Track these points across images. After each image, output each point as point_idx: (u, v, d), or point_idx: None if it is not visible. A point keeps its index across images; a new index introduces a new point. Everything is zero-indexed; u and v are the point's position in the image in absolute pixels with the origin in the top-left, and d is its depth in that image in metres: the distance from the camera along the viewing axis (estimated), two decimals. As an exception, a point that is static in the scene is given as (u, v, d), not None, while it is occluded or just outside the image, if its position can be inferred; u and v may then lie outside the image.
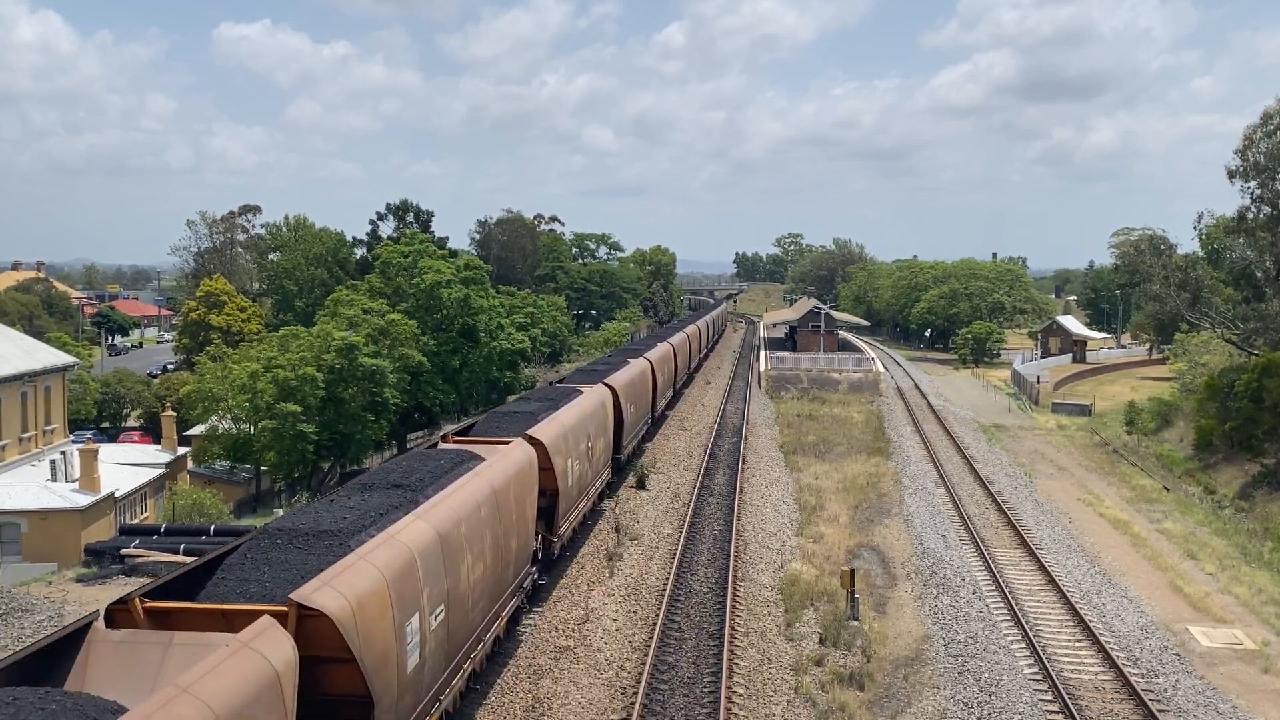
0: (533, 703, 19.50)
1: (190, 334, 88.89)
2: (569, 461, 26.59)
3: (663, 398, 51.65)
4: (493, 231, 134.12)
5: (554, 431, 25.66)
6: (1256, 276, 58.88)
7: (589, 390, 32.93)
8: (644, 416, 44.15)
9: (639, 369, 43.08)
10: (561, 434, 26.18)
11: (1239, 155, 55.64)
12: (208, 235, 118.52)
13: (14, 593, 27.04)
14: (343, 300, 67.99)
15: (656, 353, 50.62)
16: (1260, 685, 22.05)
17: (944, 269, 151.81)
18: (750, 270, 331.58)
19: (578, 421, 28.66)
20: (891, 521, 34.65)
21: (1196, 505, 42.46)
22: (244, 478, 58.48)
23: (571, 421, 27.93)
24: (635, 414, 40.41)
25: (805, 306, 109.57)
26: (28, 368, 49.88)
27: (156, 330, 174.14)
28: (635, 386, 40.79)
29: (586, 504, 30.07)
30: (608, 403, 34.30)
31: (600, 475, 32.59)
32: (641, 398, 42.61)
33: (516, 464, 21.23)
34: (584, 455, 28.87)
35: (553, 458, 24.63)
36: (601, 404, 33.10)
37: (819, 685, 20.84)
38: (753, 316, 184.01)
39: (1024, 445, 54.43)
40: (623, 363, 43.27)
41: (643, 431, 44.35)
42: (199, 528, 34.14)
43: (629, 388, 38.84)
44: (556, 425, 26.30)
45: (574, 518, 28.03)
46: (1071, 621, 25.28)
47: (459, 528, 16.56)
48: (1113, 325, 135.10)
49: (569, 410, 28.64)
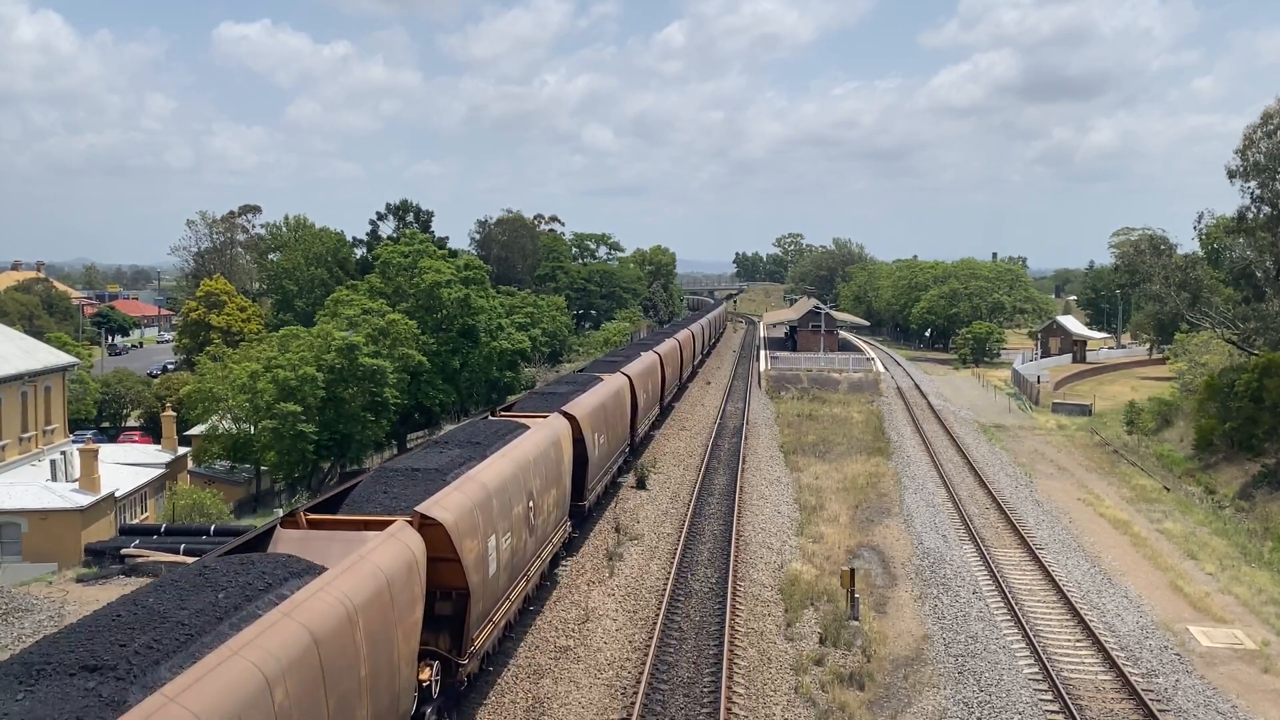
0: (533, 703, 19.50)
1: (190, 334, 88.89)
2: (596, 435, 30.68)
3: (670, 389, 56.16)
4: (493, 231, 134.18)
5: (585, 408, 30.11)
6: (1256, 276, 58.85)
7: (609, 378, 37.19)
8: (654, 405, 48.02)
9: (650, 361, 47.75)
10: (590, 410, 30.58)
11: (1239, 155, 55.62)
12: (208, 235, 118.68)
13: (14, 593, 27.05)
14: (343, 300, 67.98)
15: (664, 347, 55.30)
16: (1260, 685, 22.05)
17: (944, 269, 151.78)
18: (750, 270, 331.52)
19: (602, 402, 32.91)
20: (891, 521, 34.65)
21: (1196, 505, 42.45)
22: (244, 478, 58.46)
23: (597, 402, 32.27)
24: (647, 401, 44.37)
25: (805, 306, 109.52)
26: (28, 368, 49.87)
27: (156, 330, 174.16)
28: (647, 376, 45.02)
29: (608, 477, 34.21)
30: (625, 389, 38.32)
31: (620, 450, 36.94)
32: (652, 387, 46.52)
33: (556, 432, 25.52)
34: (608, 431, 33.23)
35: (583, 430, 28.87)
36: (620, 389, 37.30)
37: (819, 685, 20.84)
38: (753, 316, 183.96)
39: (1024, 445, 54.42)
40: (636, 355, 48.42)
41: (653, 417, 48.42)
42: (199, 528, 34.11)
43: (642, 376, 43.12)
44: (586, 404, 30.76)
45: (598, 487, 32.11)
46: (1071, 621, 25.28)
47: (517, 476, 20.53)
48: (1113, 325, 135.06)
49: (595, 392, 33.21)
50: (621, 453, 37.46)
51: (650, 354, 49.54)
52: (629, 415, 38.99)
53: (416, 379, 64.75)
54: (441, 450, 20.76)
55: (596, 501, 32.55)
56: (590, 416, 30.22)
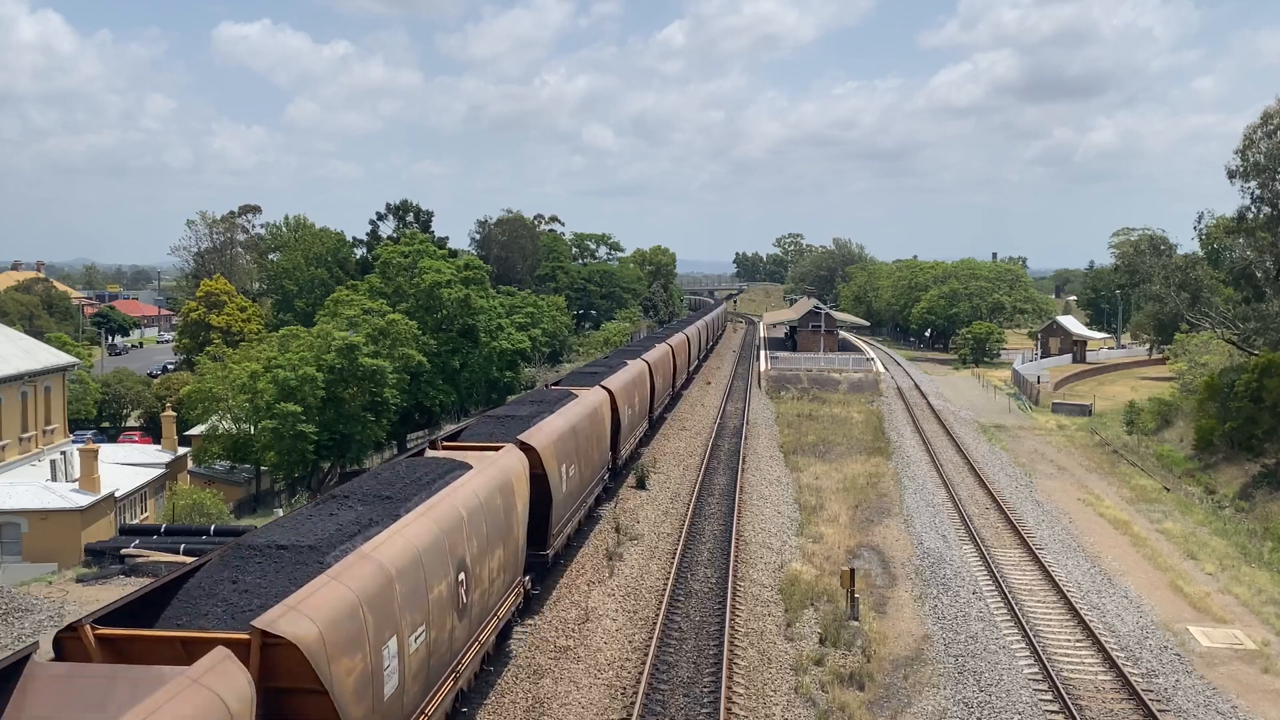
0: (533, 702, 19.50)
1: (190, 334, 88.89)
2: (563, 467, 25.38)
3: (660, 401, 50.81)
4: (493, 231, 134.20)
5: (549, 436, 24.56)
6: (1256, 276, 58.82)
7: (584, 393, 31.86)
8: (642, 419, 43.41)
9: (636, 371, 42.22)
10: (555, 439, 25.01)
11: (1239, 155, 55.63)
12: (208, 235, 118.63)
13: (14, 593, 27.03)
14: (343, 300, 68.00)
15: (655, 354, 49.61)
16: (1260, 685, 22.06)
17: (944, 269, 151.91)
18: (750, 270, 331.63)
19: (572, 426, 27.39)
20: (891, 521, 34.65)
21: (1196, 505, 42.46)
22: (244, 478, 58.48)
23: (566, 426, 26.67)
24: (633, 417, 39.56)
25: (805, 306, 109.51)
26: (28, 368, 49.88)
27: (156, 330, 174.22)
28: (633, 388, 39.99)
29: (582, 510, 28.99)
30: (604, 405, 33.32)
31: (598, 478, 31.78)
32: (640, 400, 41.86)
33: (506, 471, 20.20)
34: (579, 460, 27.69)
35: (546, 463, 23.53)
36: (597, 407, 31.97)
37: (819, 685, 20.84)
38: (753, 316, 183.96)
39: (1024, 445, 54.42)
40: (620, 364, 42.36)
41: (640, 434, 43.52)
42: (199, 528, 34.12)
43: (627, 389, 38.07)
44: (550, 430, 25.11)
45: (568, 526, 26.86)
46: (1071, 621, 25.29)
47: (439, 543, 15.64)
48: (1113, 325, 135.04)
49: (563, 414, 27.41)
50: (600, 479, 32.32)
51: (638, 362, 44.08)
52: (609, 437, 33.68)
53: (416, 379, 64.77)
54: (335, 511, 15.59)
55: (567, 544, 27.52)
56: (556, 445, 24.88)
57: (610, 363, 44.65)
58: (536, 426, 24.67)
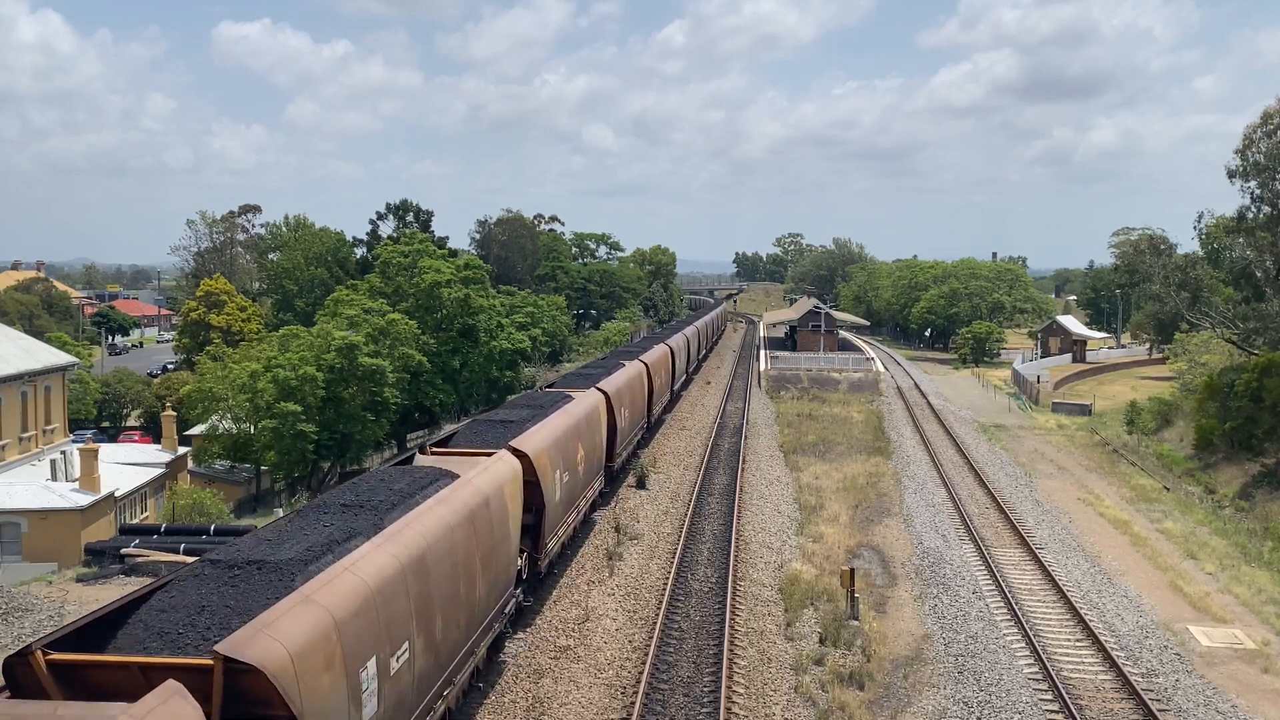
0: (533, 702, 19.50)
1: (190, 334, 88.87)
2: (558, 474, 24.76)
3: (659, 402, 50.05)
4: (493, 231, 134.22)
5: (543, 441, 23.93)
6: (1256, 276, 58.85)
7: (579, 395, 31.23)
8: (639, 421, 42.62)
9: (634, 372, 41.50)
10: (549, 444, 24.33)
11: (1239, 155, 55.65)
12: (208, 235, 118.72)
13: (14, 592, 27.04)
14: (343, 300, 67.98)
15: (653, 355, 48.90)
16: (1260, 685, 22.06)
17: (944, 269, 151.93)
18: (750, 270, 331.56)
19: (567, 430, 26.74)
20: (891, 521, 34.65)
21: (1196, 505, 42.45)
22: (244, 477, 58.48)
23: (560, 430, 26.04)
24: (630, 420, 38.91)
25: (805, 306, 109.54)
26: (28, 367, 49.87)
27: (156, 330, 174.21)
28: (631, 391, 39.42)
29: (577, 517, 28.38)
30: (600, 409, 32.63)
31: (594, 482, 31.24)
32: (637, 404, 41.15)
33: (499, 479, 19.41)
34: (573, 466, 27.07)
35: (540, 470, 22.83)
36: (593, 410, 31.34)
37: (819, 685, 20.84)
38: (753, 316, 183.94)
39: (1024, 445, 54.42)
40: (617, 366, 41.73)
41: (638, 437, 42.74)
42: (199, 528, 34.11)
43: (623, 392, 37.49)
44: (544, 435, 24.45)
45: (562, 534, 26.20)
46: (1071, 621, 25.29)
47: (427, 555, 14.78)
48: (1113, 325, 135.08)
49: (557, 418, 26.74)
50: (595, 484, 31.73)
51: (635, 363, 43.38)
52: (604, 441, 33.08)
53: (416, 379, 64.79)
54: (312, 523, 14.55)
55: (561, 552, 26.73)
56: (551, 451, 24.18)
57: (607, 364, 43.87)
58: (530, 431, 23.99)
